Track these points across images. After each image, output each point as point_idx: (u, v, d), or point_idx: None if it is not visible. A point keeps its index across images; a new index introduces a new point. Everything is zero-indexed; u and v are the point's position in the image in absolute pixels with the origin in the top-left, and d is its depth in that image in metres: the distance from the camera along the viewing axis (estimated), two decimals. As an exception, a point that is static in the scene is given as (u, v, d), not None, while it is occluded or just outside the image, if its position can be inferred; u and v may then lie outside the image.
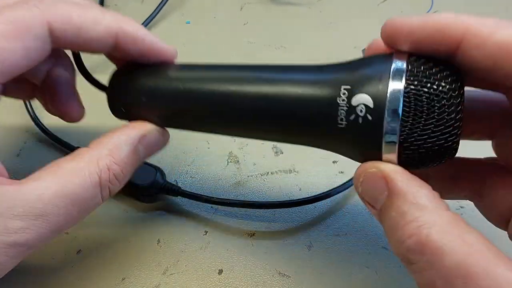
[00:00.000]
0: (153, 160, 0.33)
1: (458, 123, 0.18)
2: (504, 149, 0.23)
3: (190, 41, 0.45)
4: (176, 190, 0.31)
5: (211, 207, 0.32)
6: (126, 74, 0.26)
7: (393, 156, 0.19)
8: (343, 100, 0.20)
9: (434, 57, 0.19)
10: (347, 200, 0.32)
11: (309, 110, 0.21)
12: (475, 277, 0.15)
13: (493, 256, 0.16)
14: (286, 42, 0.45)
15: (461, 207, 0.31)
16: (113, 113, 0.27)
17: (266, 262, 0.29)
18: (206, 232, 0.30)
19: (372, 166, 0.20)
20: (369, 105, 0.19)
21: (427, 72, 0.19)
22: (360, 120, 0.19)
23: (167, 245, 0.30)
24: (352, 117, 0.19)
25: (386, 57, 0.20)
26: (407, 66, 0.19)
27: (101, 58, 0.27)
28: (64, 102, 0.28)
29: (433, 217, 0.17)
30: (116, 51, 0.25)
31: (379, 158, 0.20)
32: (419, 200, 0.18)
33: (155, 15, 0.46)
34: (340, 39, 0.46)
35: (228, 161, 0.35)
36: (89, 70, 0.28)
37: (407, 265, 0.18)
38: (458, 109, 0.18)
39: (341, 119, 0.20)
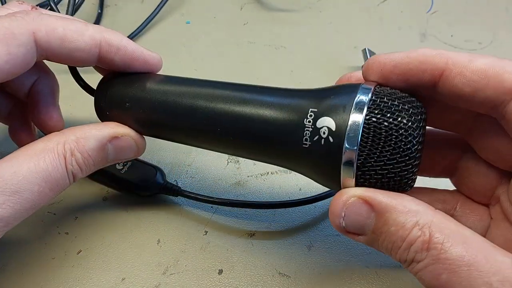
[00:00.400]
0: (153, 160, 0.34)
1: (414, 156, 0.19)
2: (464, 184, 0.25)
3: (190, 41, 0.45)
4: (176, 190, 0.31)
5: (211, 207, 0.32)
6: (112, 80, 0.27)
7: (351, 180, 0.20)
8: (309, 121, 0.21)
9: (401, 93, 0.20)
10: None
11: (277, 130, 0.22)
12: (477, 264, 0.17)
13: (489, 246, 0.18)
14: (286, 42, 0.45)
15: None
16: (98, 116, 0.28)
17: (266, 262, 0.29)
18: (206, 232, 0.30)
19: (348, 196, 0.20)
20: (331, 128, 0.20)
21: (390, 104, 0.20)
22: (323, 142, 0.20)
23: (167, 245, 0.30)
24: (316, 138, 0.21)
25: (355, 86, 0.21)
26: (372, 96, 0.20)
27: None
28: (44, 115, 0.29)
29: (429, 217, 0.19)
30: (101, 62, 0.26)
31: (338, 181, 0.21)
32: (410, 207, 0.19)
33: (155, 15, 0.46)
34: (340, 39, 0.46)
35: (228, 161, 0.35)
36: (81, 73, 0.29)
37: (413, 265, 0.19)
38: (416, 143, 0.19)
39: (306, 139, 0.21)
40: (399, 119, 0.19)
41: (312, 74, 0.42)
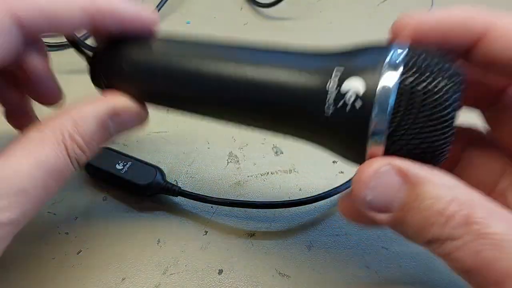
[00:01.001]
0: (153, 160, 0.33)
1: (451, 125, 0.17)
2: (465, 176, 0.23)
3: (190, 41, 0.45)
4: (176, 190, 0.31)
5: (211, 207, 0.32)
6: (110, 45, 0.25)
7: (379, 150, 0.18)
8: (333, 84, 0.18)
9: (438, 53, 0.18)
10: (347, 200, 0.32)
11: (293, 96, 0.20)
12: None
13: None
14: (286, 42, 0.45)
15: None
16: (93, 82, 0.26)
17: (266, 262, 0.29)
18: (206, 232, 0.30)
19: (380, 164, 0.18)
20: (359, 91, 0.18)
21: (428, 65, 0.17)
22: (348, 108, 0.18)
23: (167, 245, 0.30)
24: (340, 104, 0.18)
25: (387, 47, 0.19)
26: (407, 55, 0.18)
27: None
28: (40, 84, 0.27)
29: (468, 193, 0.17)
30: (95, 29, 0.24)
31: (363, 153, 0.18)
32: (447, 182, 0.17)
33: (155, 15, 0.46)
34: (340, 39, 0.45)
35: (228, 161, 0.35)
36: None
37: (446, 245, 0.17)
38: (453, 109, 0.17)
39: (328, 107, 0.19)
40: (438, 81, 0.17)
41: (312, 74, 0.42)
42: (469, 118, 0.23)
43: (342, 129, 0.19)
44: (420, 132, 0.17)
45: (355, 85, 0.18)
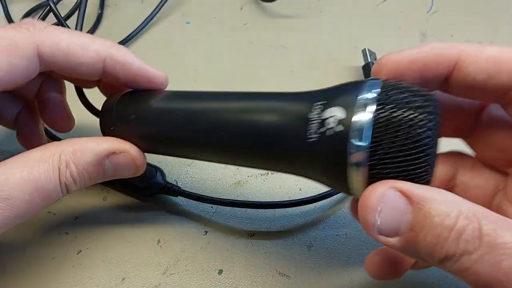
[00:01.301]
0: (153, 160, 0.33)
1: (427, 152, 0.18)
2: (478, 146, 0.24)
3: (190, 41, 0.45)
4: (176, 190, 0.31)
5: (211, 207, 0.32)
6: (119, 96, 0.27)
7: (360, 175, 0.18)
8: (316, 114, 0.20)
9: (411, 86, 0.19)
10: (347, 200, 0.32)
11: (281, 129, 0.21)
12: None
13: None
14: (286, 42, 0.45)
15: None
16: (102, 131, 0.28)
17: (266, 262, 0.29)
18: (206, 232, 0.30)
19: (384, 188, 0.18)
20: (340, 117, 0.19)
21: (400, 100, 0.18)
22: (330, 132, 0.19)
23: (167, 245, 0.30)
24: (322, 129, 0.19)
25: (362, 81, 0.20)
26: (381, 90, 0.19)
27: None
28: (55, 112, 0.29)
29: (470, 206, 0.17)
30: (106, 78, 0.26)
31: (345, 177, 0.19)
32: (449, 198, 0.17)
33: (155, 15, 0.46)
34: (340, 39, 0.46)
35: (228, 161, 0.35)
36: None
37: (463, 260, 0.17)
38: (426, 138, 0.18)
39: (311, 133, 0.20)
40: (409, 111, 0.18)
41: (312, 74, 0.42)
42: (456, 145, 0.24)
43: (324, 154, 0.19)
44: (399, 160, 0.18)
45: (335, 113, 0.19)
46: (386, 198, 0.18)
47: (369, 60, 0.40)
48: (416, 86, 0.19)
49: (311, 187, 0.33)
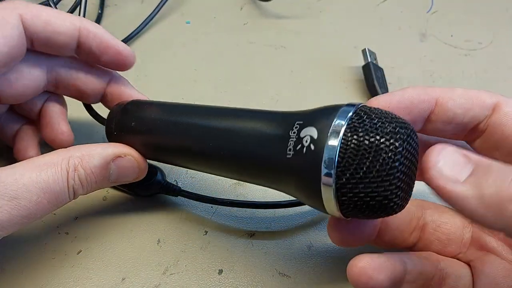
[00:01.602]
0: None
1: (395, 176, 0.18)
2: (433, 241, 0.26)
3: (190, 41, 0.45)
4: (176, 190, 0.31)
5: (211, 207, 0.32)
6: (123, 104, 0.29)
7: (331, 189, 0.19)
8: (294, 132, 0.21)
9: (386, 113, 0.20)
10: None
11: (264, 143, 0.22)
12: None
13: None
14: (286, 42, 0.45)
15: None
16: (107, 137, 0.29)
17: (266, 262, 0.29)
18: (206, 232, 0.30)
19: (443, 145, 0.19)
20: (313, 136, 0.20)
21: (373, 122, 0.19)
22: (304, 150, 0.20)
23: (167, 245, 0.30)
24: (299, 147, 0.20)
25: (340, 106, 0.21)
26: (354, 114, 0.20)
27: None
28: (56, 130, 0.30)
29: None
30: (80, 49, 0.28)
31: (319, 187, 0.20)
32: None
33: (155, 15, 0.46)
34: (340, 39, 0.46)
35: (228, 161, 0.35)
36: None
37: None
38: (394, 162, 0.18)
39: (289, 149, 0.21)
40: (379, 137, 0.19)
41: (312, 74, 0.42)
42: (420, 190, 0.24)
43: (300, 169, 0.20)
44: (367, 182, 0.19)
45: (309, 132, 0.20)
46: (447, 151, 0.19)
47: (369, 60, 0.40)
48: (392, 113, 0.20)
49: (311, 187, 0.33)
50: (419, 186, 0.22)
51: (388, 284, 0.22)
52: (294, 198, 0.31)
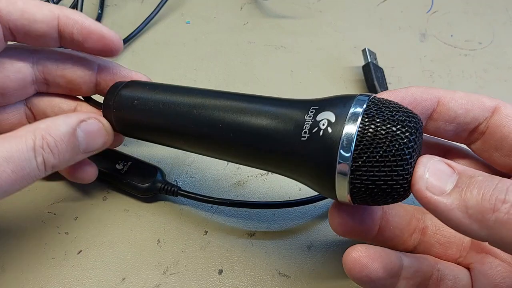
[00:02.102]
0: (153, 160, 0.34)
1: (406, 163, 0.19)
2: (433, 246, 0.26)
3: (190, 41, 0.45)
4: (176, 190, 0.31)
5: (211, 207, 0.32)
6: (124, 83, 0.29)
7: (346, 168, 0.20)
8: (310, 116, 0.22)
9: (397, 104, 0.21)
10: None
11: (278, 127, 0.22)
12: None
13: None
14: (286, 42, 0.45)
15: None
16: (104, 115, 0.28)
17: (266, 262, 0.29)
18: (206, 232, 0.30)
19: (429, 156, 0.20)
20: (331, 119, 0.21)
21: (386, 111, 0.20)
22: (321, 133, 0.21)
23: (167, 245, 0.30)
24: (315, 130, 0.21)
25: (354, 95, 0.22)
26: (369, 103, 0.21)
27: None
28: (80, 172, 0.30)
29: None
30: (63, 38, 0.27)
31: (333, 169, 0.20)
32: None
33: (155, 15, 0.46)
34: (340, 39, 0.46)
35: (228, 161, 0.35)
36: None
37: None
38: (405, 149, 0.19)
39: (305, 132, 0.21)
40: (394, 126, 0.20)
41: (312, 74, 0.42)
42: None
43: (315, 152, 0.21)
44: (381, 169, 0.20)
45: (327, 116, 0.21)
46: (432, 163, 0.20)
47: (369, 60, 0.40)
48: (402, 105, 0.21)
49: (311, 187, 0.33)
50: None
51: (383, 274, 0.22)
52: (295, 198, 0.31)
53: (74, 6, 0.45)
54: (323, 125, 0.21)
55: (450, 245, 0.25)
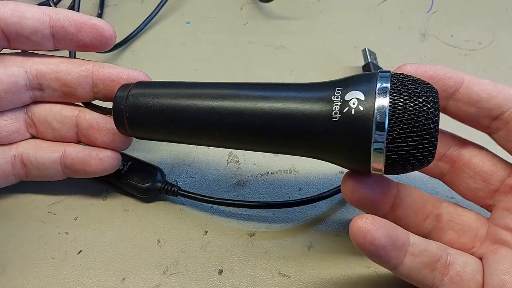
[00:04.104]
0: (153, 160, 0.34)
1: (434, 131, 0.21)
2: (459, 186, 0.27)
3: (190, 41, 0.45)
4: (176, 190, 0.31)
5: (211, 207, 0.32)
6: (132, 84, 0.28)
7: (383, 141, 0.21)
8: (337, 97, 0.22)
9: (416, 78, 0.23)
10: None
11: (305, 111, 0.23)
12: None
13: None
14: (286, 42, 0.45)
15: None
16: (115, 120, 0.27)
17: (266, 262, 0.29)
18: (206, 232, 0.30)
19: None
20: (360, 98, 0.22)
21: (411, 83, 0.22)
22: (353, 111, 0.22)
23: (167, 245, 0.30)
24: (346, 109, 0.22)
25: (376, 72, 0.23)
26: (393, 78, 0.22)
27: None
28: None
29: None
30: (56, 34, 0.28)
31: (369, 144, 0.21)
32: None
33: (155, 15, 0.46)
34: (340, 39, 0.46)
35: (228, 161, 0.35)
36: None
37: None
38: (432, 118, 0.21)
39: (335, 113, 0.22)
40: (420, 100, 0.21)
41: (312, 74, 0.42)
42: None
43: (350, 130, 0.22)
44: (410, 142, 0.21)
45: (356, 95, 0.22)
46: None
47: (369, 60, 0.40)
48: (418, 78, 0.23)
49: (311, 187, 0.33)
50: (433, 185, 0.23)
51: (387, 243, 0.22)
52: (295, 198, 0.31)
53: (71, 7, 0.45)
54: (354, 104, 0.22)
55: (464, 233, 0.25)
